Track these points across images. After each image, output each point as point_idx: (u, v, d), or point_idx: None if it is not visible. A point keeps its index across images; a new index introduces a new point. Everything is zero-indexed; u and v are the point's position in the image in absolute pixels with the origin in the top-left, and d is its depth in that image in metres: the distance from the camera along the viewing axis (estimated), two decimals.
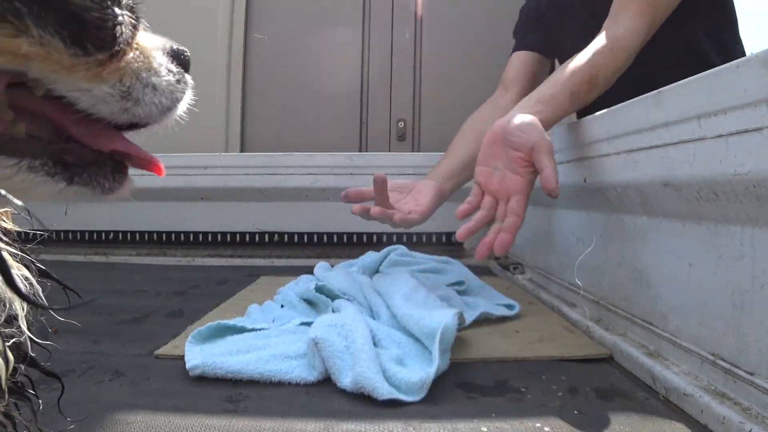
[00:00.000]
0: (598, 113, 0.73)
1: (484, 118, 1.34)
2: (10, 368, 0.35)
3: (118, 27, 0.30)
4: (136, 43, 0.33)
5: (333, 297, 0.84)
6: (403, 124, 1.88)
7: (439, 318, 0.64)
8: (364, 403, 0.53)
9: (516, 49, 1.47)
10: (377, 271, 1.08)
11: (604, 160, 0.72)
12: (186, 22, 1.94)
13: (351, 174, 1.48)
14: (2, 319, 0.34)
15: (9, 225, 0.39)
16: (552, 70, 1.26)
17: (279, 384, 0.58)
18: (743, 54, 1.18)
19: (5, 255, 0.31)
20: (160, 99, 0.34)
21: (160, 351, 0.68)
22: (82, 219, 1.61)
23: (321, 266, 1.10)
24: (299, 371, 0.59)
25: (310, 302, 0.86)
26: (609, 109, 0.70)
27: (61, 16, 0.28)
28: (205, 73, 1.92)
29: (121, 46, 0.31)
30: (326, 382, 0.59)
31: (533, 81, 1.24)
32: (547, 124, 0.79)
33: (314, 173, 1.51)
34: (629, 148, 0.64)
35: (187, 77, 0.36)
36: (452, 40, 1.87)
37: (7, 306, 0.35)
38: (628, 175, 0.65)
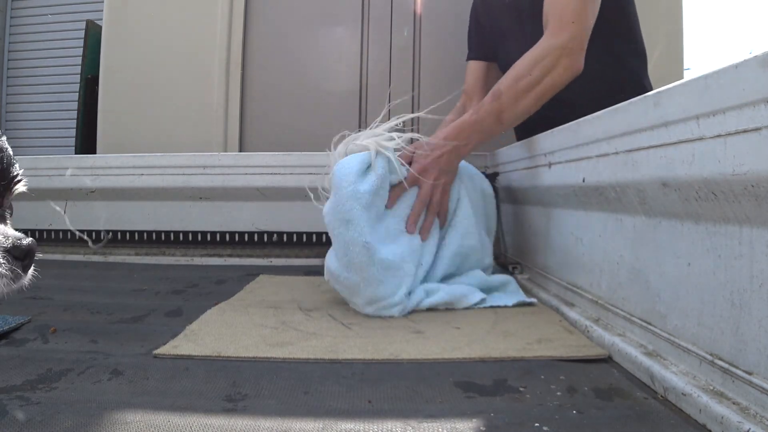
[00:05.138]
0: (597, 113, 0.73)
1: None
2: None
3: None
4: None
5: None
6: (402, 123, 1.88)
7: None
8: (362, 402, 0.53)
9: (467, 58, 1.51)
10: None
11: (603, 160, 0.72)
12: (185, 22, 1.94)
13: None
14: None
15: None
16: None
17: (278, 381, 0.58)
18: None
19: None
20: None
21: (158, 351, 0.68)
22: (81, 219, 1.61)
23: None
24: None
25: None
26: (608, 109, 0.70)
27: None
28: (204, 72, 1.92)
29: None
30: (326, 381, 0.59)
31: (487, 87, 1.29)
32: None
33: (313, 173, 1.51)
34: (628, 148, 0.64)
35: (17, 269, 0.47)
36: (451, 37, 1.87)
37: None
38: (626, 175, 0.65)
